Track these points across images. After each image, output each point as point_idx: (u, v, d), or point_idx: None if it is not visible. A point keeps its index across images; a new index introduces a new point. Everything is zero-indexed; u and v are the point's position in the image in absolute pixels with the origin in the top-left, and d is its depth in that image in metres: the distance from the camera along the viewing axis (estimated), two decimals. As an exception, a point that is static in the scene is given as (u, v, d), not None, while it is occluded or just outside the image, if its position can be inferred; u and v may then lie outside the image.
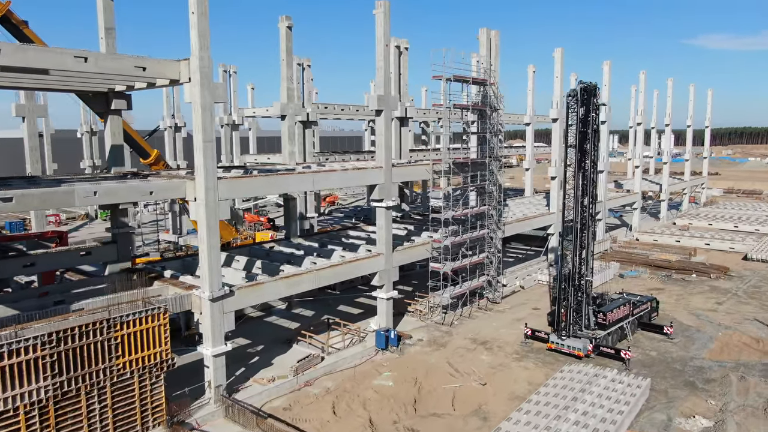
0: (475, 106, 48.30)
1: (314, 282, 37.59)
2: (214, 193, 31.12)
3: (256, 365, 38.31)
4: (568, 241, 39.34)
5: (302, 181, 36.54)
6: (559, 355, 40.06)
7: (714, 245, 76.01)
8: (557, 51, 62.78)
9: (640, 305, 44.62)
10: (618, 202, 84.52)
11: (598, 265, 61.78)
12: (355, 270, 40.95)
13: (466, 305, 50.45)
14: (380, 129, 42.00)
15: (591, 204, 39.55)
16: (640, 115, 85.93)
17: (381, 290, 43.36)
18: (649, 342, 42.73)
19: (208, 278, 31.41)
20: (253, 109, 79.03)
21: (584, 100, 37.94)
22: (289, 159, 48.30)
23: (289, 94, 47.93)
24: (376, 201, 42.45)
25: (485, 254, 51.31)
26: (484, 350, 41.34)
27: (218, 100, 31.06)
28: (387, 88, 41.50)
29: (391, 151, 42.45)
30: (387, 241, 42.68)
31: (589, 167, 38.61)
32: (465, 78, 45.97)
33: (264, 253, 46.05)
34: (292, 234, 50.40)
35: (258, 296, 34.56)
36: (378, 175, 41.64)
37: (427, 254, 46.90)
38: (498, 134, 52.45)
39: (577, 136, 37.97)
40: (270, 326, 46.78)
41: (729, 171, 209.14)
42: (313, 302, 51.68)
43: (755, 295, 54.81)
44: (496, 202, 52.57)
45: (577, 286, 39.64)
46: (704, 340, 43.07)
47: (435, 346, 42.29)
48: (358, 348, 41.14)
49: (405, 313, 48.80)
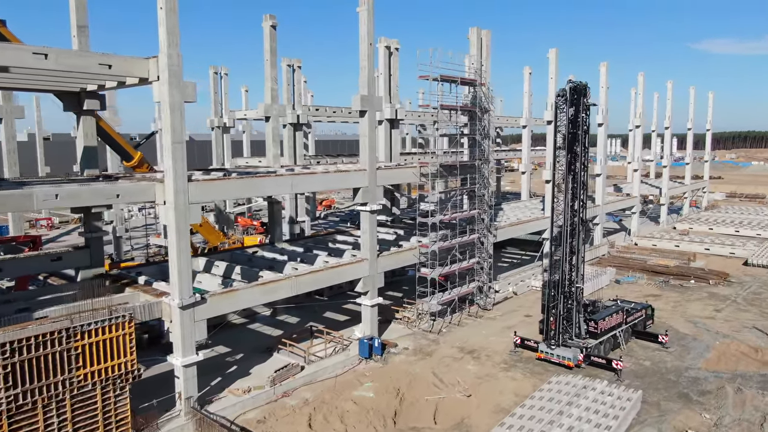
0: (464, 107, 46.95)
1: (293, 289, 36.23)
2: (184, 196, 29.83)
3: (234, 375, 36.94)
4: (557, 246, 37.89)
5: (280, 184, 35.22)
6: (548, 365, 38.56)
7: (714, 250, 74.37)
8: (551, 51, 61.45)
9: (634, 313, 43.10)
10: (616, 206, 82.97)
11: (594, 270, 60.35)
12: (337, 276, 39.58)
13: (455, 312, 49.05)
14: (364, 130, 40.68)
15: (582, 208, 38.11)
16: (639, 118, 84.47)
17: (365, 297, 41.96)
18: (643, 351, 41.19)
19: (178, 285, 30.09)
20: (244, 112, 77.94)
21: (574, 100, 36.56)
22: (273, 161, 47.01)
23: (273, 95, 46.66)
24: (361, 205, 41.10)
25: (476, 259, 49.89)
26: (471, 359, 39.87)
27: (188, 100, 29.77)
28: (371, 89, 40.19)
29: (375, 153, 41.11)
30: (371, 246, 41.31)
31: (579, 170, 37.19)
32: (452, 78, 44.62)
33: (246, 258, 44.76)
34: (276, 238, 49.07)
35: (232, 304, 33.21)
36: (361, 178, 40.29)
37: (414, 260, 45.51)
38: (489, 136, 51.07)
39: (566, 137, 36.56)
40: (252, 334, 45.42)
41: (732, 175, 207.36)
42: (299, 309, 50.30)
43: (755, 302, 53.19)
44: (488, 206, 51.19)
45: (567, 294, 38.17)
46: (701, 350, 41.51)
47: (421, 355, 40.85)
48: (341, 357, 39.73)
49: (392, 321, 47.37)
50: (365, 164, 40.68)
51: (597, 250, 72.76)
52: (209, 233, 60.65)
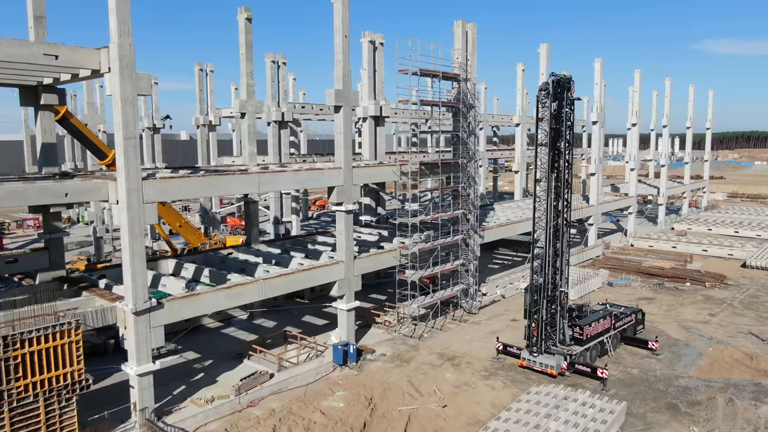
0: (446, 102, 45.09)
1: (261, 292, 34.44)
2: (137, 195, 28.08)
3: (199, 383, 35.20)
4: (539, 248, 36.04)
5: (244, 183, 33.42)
6: (531, 373, 36.69)
7: (712, 251, 72.35)
8: (542, 47, 59.57)
9: (624, 318, 41.18)
10: (612, 206, 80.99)
11: (586, 272, 58.44)
12: (310, 279, 37.80)
13: (439, 316, 47.25)
14: (339, 126, 38.92)
15: (566, 208, 36.23)
16: (636, 116, 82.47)
17: (341, 301, 40.18)
18: (631, 358, 39.28)
19: (132, 289, 28.35)
20: (230, 109, 76.19)
21: (557, 94, 34.69)
22: (249, 160, 45.24)
23: (250, 91, 44.92)
24: (336, 204, 39.31)
25: (460, 261, 48.04)
26: (450, 367, 38.01)
27: (142, 92, 28.02)
28: (346, 83, 38.41)
29: (350, 151, 39.31)
30: (348, 247, 39.53)
31: (563, 167, 35.31)
32: (433, 72, 42.77)
33: (219, 260, 43.01)
34: (253, 240, 47.30)
35: (194, 309, 31.43)
36: (336, 177, 38.51)
37: (394, 261, 43.69)
38: (475, 133, 49.22)
39: (549, 133, 34.69)
40: (225, 338, 43.66)
41: (734, 175, 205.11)
42: (277, 312, 48.55)
43: (752, 305, 51.20)
44: (473, 206, 49.32)
45: (550, 298, 36.29)
46: (693, 356, 39.58)
47: (398, 361, 39.01)
48: (314, 364, 37.94)
49: (373, 325, 45.57)
50: (340, 162, 38.89)
51: (591, 251, 70.87)
52: (190, 234, 58.95)
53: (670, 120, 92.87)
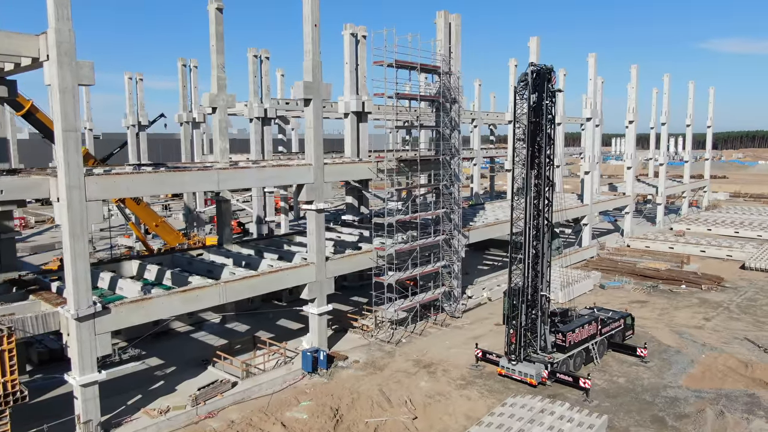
0: (426, 96, 43.00)
1: (222, 296, 32.42)
2: (79, 192, 26.12)
3: (157, 392, 33.22)
4: (518, 249, 33.94)
5: (202, 180, 31.34)
6: (510, 382, 34.58)
7: (710, 252, 70.02)
8: (532, 40, 57.41)
9: (611, 323, 39.01)
10: (607, 205, 78.68)
11: (577, 274, 56.28)
12: (276, 282, 35.75)
13: (420, 320, 45.19)
14: (309, 121, 36.88)
15: (547, 206, 34.10)
16: (632, 113, 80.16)
17: (312, 305, 38.15)
18: (618, 366, 37.11)
19: (74, 293, 26.38)
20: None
21: (537, 85, 32.56)
22: (220, 156, 43.20)
23: (220, 84, 42.82)
24: (306, 203, 37.28)
25: (442, 263, 45.94)
26: (426, 375, 35.93)
27: (84, 82, 26.07)
28: (316, 74, 36.37)
29: (321, 146, 37.26)
30: (319, 248, 37.49)
31: (543, 163, 33.18)
32: (410, 64, 40.67)
33: (187, 261, 41.04)
34: (225, 240, 45.32)
35: (145, 314, 29.40)
36: (305, 174, 36.48)
37: (371, 263, 41.64)
38: (459, 129, 47.13)
39: (527, 127, 32.57)
40: (194, 343, 41.67)
41: (738, 174, 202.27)
42: (253, 315, 46.52)
43: (749, 309, 48.92)
44: (457, 205, 47.23)
45: (530, 302, 34.17)
46: (684, 364, 37.39)
47: (371, 369, 36.94)
48: (282, 371, 35.92)
49: (349, 329, 43.52)
50: (310, 158, 36.87)
51: (585, 252, 68.68)
52: (167, 234, 57.05)
53: (668, 117, 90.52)
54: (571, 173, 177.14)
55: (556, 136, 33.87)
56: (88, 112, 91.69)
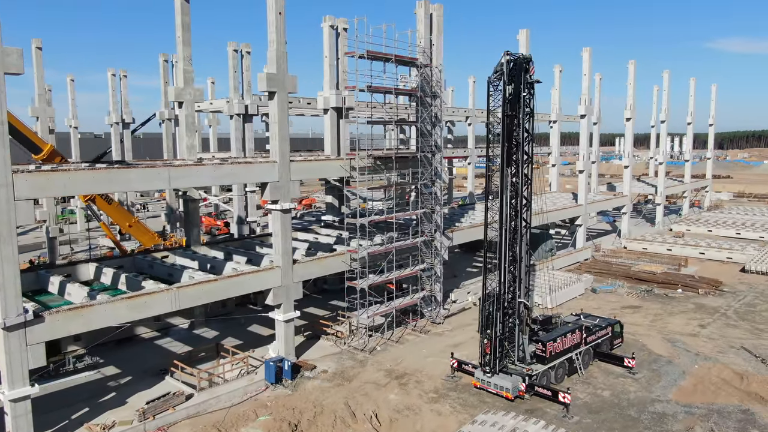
0: (401, 90, 40.68)
1: (174, 303, 30.16)
2: (6, 190, 23.96)
3: (106, 405, 31.01)
4: (493, 253, 31.60)
5: (149, 178, 29.09)
6: (486, 395, 32.21)
7: (709, 254, 67.39)
8: (522, 33, 54.91)
9: (598, 331, 36.59)
10: (603, 205, 76.10)
11: (568, 277, 53.85)
12: (238, 287, 33.49)
13: (399, 326, 42.93)
14: (274, 115, 34.64)
15: (525, 207, 31.73)
16: (630, 110, 77.55)
17: (278, 311, 35.91)
18: (604, 378, 34.68)
19: (1, 300, 24.19)
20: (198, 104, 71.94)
21: (513, 76, 30.19)
22: (187, 153, 41.10)
23: (187, 78, 40.65)
24: (271, 203, 35.04)
25: (422, 266, 43.62)
26: (397, 386, 33.60)
27: (11, 71, 23.89)
28: (281, 65, 34.11)
29: (287, 142, 35.01)
30: (285, 251, 35.23)
31: (521, 160, 30.80)
32: (384, 55, 38.37)
33: (148, 264, 38.86)
34: (193, 241, 43.11)
35: (85, 323, 27.18)
36: (269, 172, 34.22)
37: (344, 266, 39.35)
38: (441, 125, 44.82)
39: (503, 121, 30.19)
40: (157, 351, 39.47)
41: (742, 174, 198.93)
42: (223, 321, 44.30)
43: (747, 315, 46.36)
44: (439, 205, 44.91)
45: (507, 310, 31.81)
46: (675, 375, 34.93)
47: (340, 379, 34.64)
48: (243, 382, 33.68)
49: (322, 336, 41.25)
50: (275, 155, 34.62)
51: (579, 254, 66.17)
52: (141, 234, 54.84)
53: (668, 115, 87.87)
54: (572, 173, 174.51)
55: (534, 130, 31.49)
56: (72, 109, 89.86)
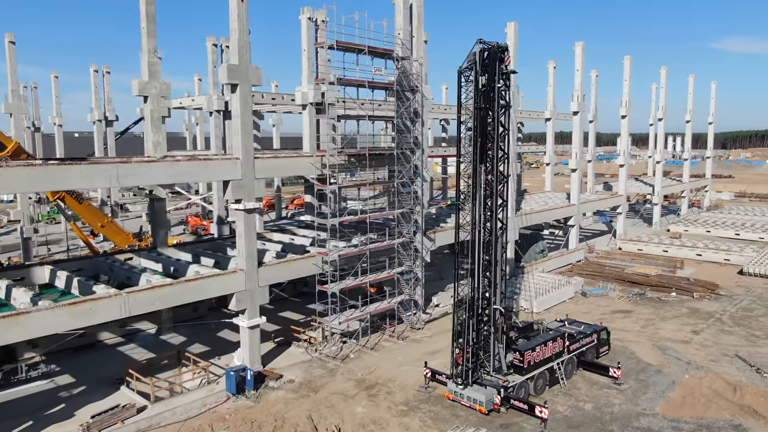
0: (376, 83, 38.62)
1: (123, 309, 28.16)
2: (-73, 188, 22.00)
3: (52, 418, 29.03)
4: (464, 256, 29.55)
5: (95, 175, 27.03)
6: (460, 408, 30.13)
7: (707, 256, 65.13)
8: (510, 26, 52.86)
9: (582, 338, 34.49)
10: (597, 205, 73.95)
11: (557, 280, 51.72)
12: (198, 291, 31.48)
13: (376, 332, 40.92)
14: (236, 109, 32.63)
15: (501, 207, 29.66)
16: (626, 107, 75.36)
17: (242, 316, 33.89)
18: (588, 389, 32.56)
19: None
20: (179, 100, 70.05)
21: (486, 66, 28.10)
22: (154, 150, 39.14)
23: (152, 71, 38.69)
24: (234, 202, 33.04)
25: (400, 269, 41.58)
26: (365, 398, 31.54)
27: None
28: (243, 56, 32.09)
29: (251, 138, 33.01)
30: (249, 254, 33.21)
31: (495, 157, 28.72)
32: (356, 46, 36.32)
33: (108, 267, 36.91)
34: (159, 243, 41.08)
35: (22, 332, 25.16)
36: (231, 169, 32.21)
37: (315, 269, 37.33)
38: (422, 121, 42.76)
39: (475, 114, 28.10)
40: (118, 357, 37.43)
41: (744, 174, 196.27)
42: (193, 325, 42.29)
43: (743, 321, 44.17)
44: (420, 205, 42.86)
45: (480, 317, 29.73)
46: (663, 386, 32.80)
47: (306, 390, 32.59)
48: (202, 393, 31.68)
49: (293, 343, 39.22)
50: (238, 152, 32.60)
51: (571, 256, 64.03)
52: (115, 235, 52.99)
53: (665, 113, 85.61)
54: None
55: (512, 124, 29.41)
56: (57, 107, 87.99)
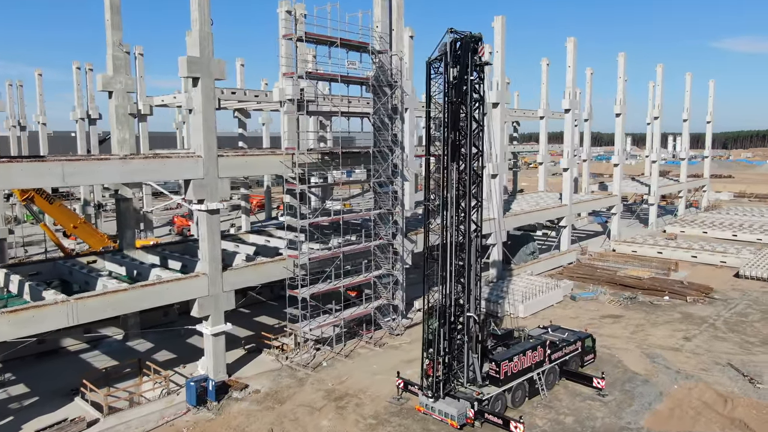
0: (350, 78, 36.84)
1: (71, 317, 26.39)
2: None
3: (-3, 432, 27.34)
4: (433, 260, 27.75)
5: (37, 173, 25.16)
6: (431, 422, 28.32)
7: (702, 258, 63.24)
8: (497, 20, 51.01)
9: (565, 347, 32.67)
10: (590, 205, 72.12)
11: (546, 283, 49.88)
12: (155, 297, 29.67)
13: (353, 338, 39.18)
14: (198, 105, 30.88)
15: (475, 209, 27.86)
16: (620, 105, 73.48)
17: (206, 323, 32.12)
18: (570, 400, 30.74)
19: None
20: (161, 97, 68.34)
21: (458, 58, 26.29)
22: (118, 147, 37.40)
23: (117, 65, 36.97)
24: (197, 203, 31.26)
25: (379, 272, 39.79)
26: (333, 410, 29.75)
27: None
28: (205, 48, 30.32)
29: (214, 135, 31.21)
30: (212, 257, 31.44)
31: (469, 155, 26.91)
32: (327, 38, 34.54)
33: (68, 270, 35.17)
34: (125, 244, 39.32)
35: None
36: (192, 167, 30.43)
37: (286, 273, 35.57)
38: (401, 118, 40.99)
39: (445, 109, 26.28)
40: (80, 365, 35.68)
41: (744, 174, 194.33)
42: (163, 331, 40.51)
43: (738, 326, 42.33)
44: (400, 205, 41.09)
45: (453, 325, 27.93)
46: (650, 397, 30.98)
47: (271, 401, 30.80)
48: (161, 404, 29.92)
49: (264, 350, 37.44)
50: (199, 149, 30.83)
51: (563, 258, 62.19)
52: (89, 236, 51.27)
53: (661, 111, 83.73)
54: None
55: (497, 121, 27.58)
56: (41, 105, 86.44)
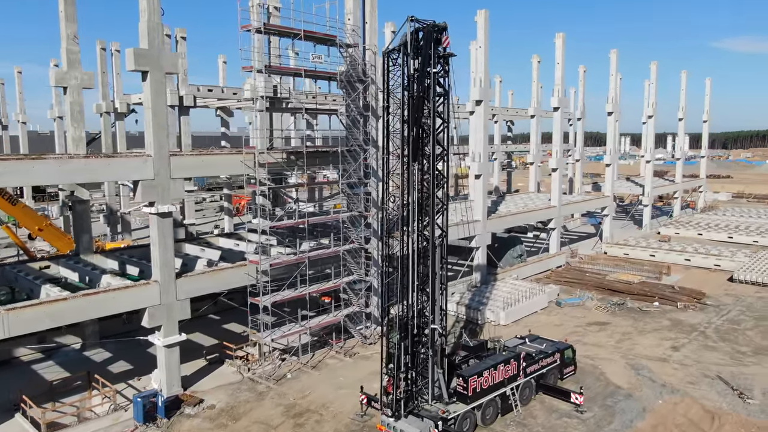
0: (314, 72, 34.84)
1: (4, 329, 24.38)
2: None
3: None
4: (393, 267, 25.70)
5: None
6: (395, 441, 26.32)
7: (696, 261, 61.20)
8: (480, 14, 48.99)
9: (543, 359, 30.65)
10: (581, 206, 70.09)
11: (530, 289, 47.85)
12: (101, 306, 27.67)
13: (324, 347, 37.20)
14: (147, 100, 28.84)
15: (440, 213, 25.83)
16: (612, 104, 71.46)
17: (158, 334, 30.12)
18: (545, 417, 28.70)
19: None
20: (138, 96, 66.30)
21: (419, 49, 24.25)
22: (74, 146, 35.46)
23: (72, 60, 35.11)
24: (147, 205, 29.26)
25: (348, 278, 37.78)
26: (291, 428, 27.73)
27: None
28: (154, 40, 28.29)
29: (166, 133, 29.19)
30: (164, 263, 29.42)
31: (432, 154, 24.87)
32: (288, 30, 32.55)
33: (14, 276, 33.16)
34: (83, 249, 37.32)
35: None
36: (141, 167, 28.41)
37: (247, 279, 33.54)
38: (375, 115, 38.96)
39: (406, 103, 24.24)
40: (29, 377, 33.71)
41: (743, 174, 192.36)
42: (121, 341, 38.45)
43: (729, 335, 40.26)
44: (376, 208, 39.07)
45: (417, 338, 25.87)
46: (632, 414, 28.94)
47: (226, 418, 28.77)
48: (107, 421, 27.94)
49: (226, 360, 35.42)
50: (150, 149, 28.81)
51: (551, 261, 60.18)
52: (56, 239, 48.91)
53: (655, 109, 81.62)
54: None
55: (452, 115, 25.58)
56: (20, 104, 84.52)
